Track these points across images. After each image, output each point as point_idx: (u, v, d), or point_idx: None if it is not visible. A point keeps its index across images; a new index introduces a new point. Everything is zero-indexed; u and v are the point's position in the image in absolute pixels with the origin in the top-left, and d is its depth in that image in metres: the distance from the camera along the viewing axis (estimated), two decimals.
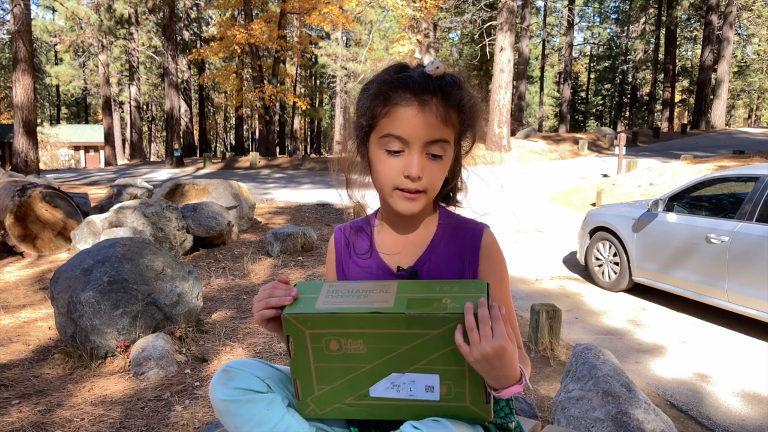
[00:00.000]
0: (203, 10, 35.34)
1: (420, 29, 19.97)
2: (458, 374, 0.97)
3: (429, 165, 1.04)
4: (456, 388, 0.97)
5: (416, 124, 1.01)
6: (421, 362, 0.96)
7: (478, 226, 1.15)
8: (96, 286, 3.31)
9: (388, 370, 0.98)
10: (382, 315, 0.94)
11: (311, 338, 0.99)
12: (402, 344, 0.96)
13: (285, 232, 6.21)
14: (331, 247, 1.27)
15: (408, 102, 1.01)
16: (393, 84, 1.03)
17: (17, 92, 13.83)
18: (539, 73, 42.52)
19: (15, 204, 6.40)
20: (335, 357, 0.99)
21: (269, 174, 17.89)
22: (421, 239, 1.15)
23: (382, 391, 1.00)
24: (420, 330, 0.94)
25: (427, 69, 1.04)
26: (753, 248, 3.91)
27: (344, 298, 0.99)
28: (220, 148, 50.13)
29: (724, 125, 27.87)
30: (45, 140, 32.69)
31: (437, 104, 1.02)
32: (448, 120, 1.03)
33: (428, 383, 0.98)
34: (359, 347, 0.97)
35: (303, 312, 0.97)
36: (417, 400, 0.99)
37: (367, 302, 0.97)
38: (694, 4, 30.40)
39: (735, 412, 3.07)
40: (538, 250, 6.76)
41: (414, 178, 1.03)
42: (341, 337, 0.97)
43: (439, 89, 1.02)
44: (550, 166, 16.67)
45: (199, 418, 2.67)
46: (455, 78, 1.05)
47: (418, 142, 1.02)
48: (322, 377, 1.02)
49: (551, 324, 3.63)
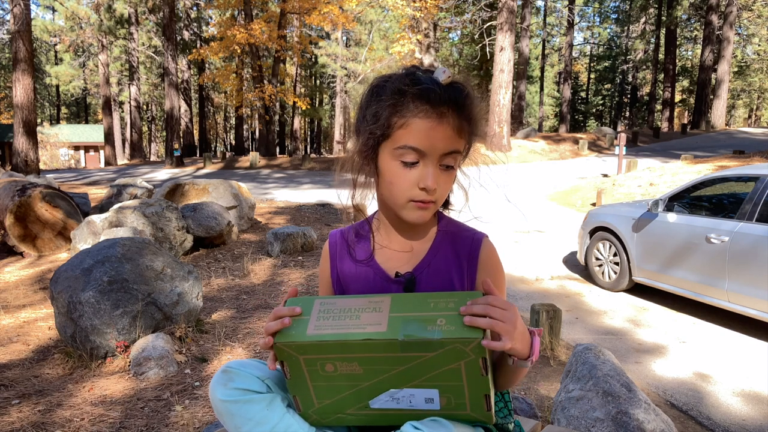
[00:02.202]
0: (203, 10, 35.32)
1: (420, 29, 19.97)
2: (458, 388, 0.96)
3: (442, 176, 1.05)
4: (456, 400, 0.98)
5: (434, 136, 1.01)
6: (419, 379, 0.96)
7: (477, 235, 1.15)
8: (96, 286, 3.31)
9: (387, 386, 0.99)
10: (375, 342, 0.93)
11: (305, 362, 0.99)
12: (398, 365, 0.95)
13: (285, 232, 6.21)
14: (325, 254, 1.26)
15: (426, 114, 1.01)
16: (410, 95, 1.02)
17: (17, 92, 13.82)
18: (539, 73, 42.51)
19: (15, 204, 6.41)
20: (332, 377, 0.99)
21: (269, 174, 17.88)
22: (420, 246, 1.15)
23: (382, 404, 1.01)
24: (415, 353, 0.93)
25: (439, 78, 1.02)
26: (753, 248, 3.91)
27: (336, 320, 0.97)
28: (220, 148, 50.17)
29: (724, 125, 27.87)
30: (45, 140, 32.68)
31: (452, 116, 1.01)
32: (462, 131, 1.03)
33: (428, 396, 0.98)
34: (355, 368, 0.97)
35: (294, 341, 0.97)
36: (418, 410, 1.00)
37: (359, 325, 0.94)
38: (694, 4, 30.42)
39: (735, 412, 3.07)
40: (538, 250, 6.76)
41: (430, 190, 1.03)
42: (336, 360, 0.97)
43: (453, 101, 1.02)
44: (550, 166, 16.67)
45: (199, 418, 2.67)
46: (463, 87, 1.04)
47: (435, 154, 1.02)
48: (321, 394, 1.03)
49: (551, 324, 3.63)
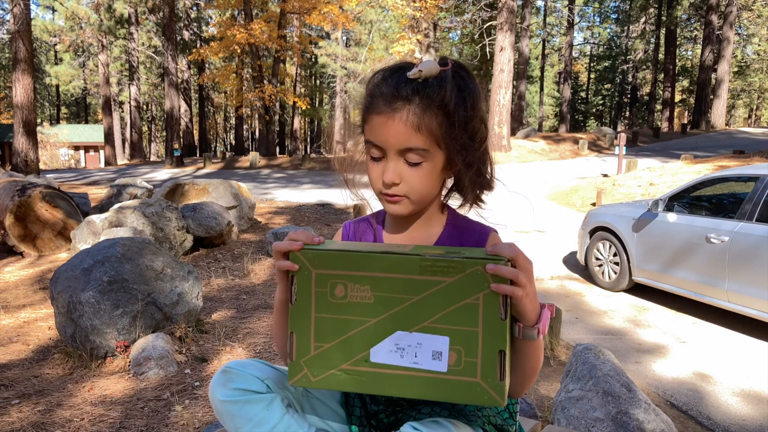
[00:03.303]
0: (203, 10, 35.33)
1: (420, 29, 19.98)
2: (471, 338, 0.88)
3: (408, 172, 1.03)
4: (467, 357, 0.89)
5: (386, 132, 1.01)
6: (431, 319, 0.89)
7: (485, 230, 1.14)
8: (96, 286, 3.31)
9: (394, 326, 0.91)
10: (395, 256, 0.91)
11: (316, 281, 0.94)
12: (412, 294, 0.90)
13: (285, 232, 6.21)
14: (337, 239, 1.27)
15: (380, 110, 1.01)
16: (373, 90, 1.05)
17: (17, 92, 13.82)
18: (539, 73, 42.52)
19: (15, 204, 6.41)
20: (339, 306, 0.93)
21: (269, 174, 17.89)
22: (426, 238, 1.15)
23: (384, 356, 0.92)
24: (434, 277, 0.89)
25: (409, 73, 1.01)
26: (753, 248, 3.91)
27: (357, 246, 1.00)
28: (220, 148, 50.15)
29: (724, 125, 27.88)
30: (45, 140, 32.65)
31: (409, 112, 0.99)
32: (422, 127, 0.99)
33: (436, 347, 0.90)
34: (366, 295, 0.92)
35: (313, 248, 0.95)
36: (421, 369, 0.90)
37: (381, 248, 0.96)
38: (694, 4, 30.43)
39: (735, 412, 3.07)
40: (538, 250, 6.76)
41: (388, 185, 1.04)
42: (348, 280, 0.92)
43: (415, 95, 0.99)
44: (550, 165, 16.66)
45: (199, 418, 2.67)
46: (441, 82, 0.99)
47: (392, 150, 1.03)
48: (321, 332, 0.95)
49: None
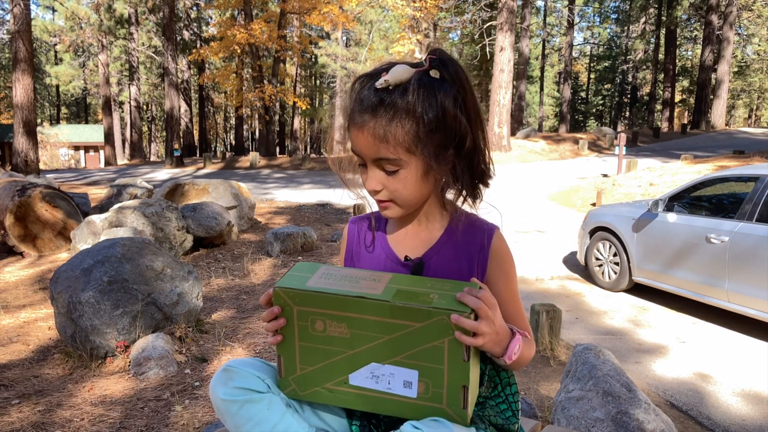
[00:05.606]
0: (203, 10, 35.33)
1: (420, 29, 19.99)
2: (437, 373, 0.97)
3: (387, 179, 1.05)
4: (434, 388, 0.97)
5: (359, 143, 1.04)
6: (402, 355, 0.97)
7: (490, 227, 1.16)
8: (96, 286, 3.31)
9: (369, 358, 1.00)
10: (366, 300, 0.97)
11: (298, 315, 1.02)
12: (384, 333, 0.97)
13: (285, 232, 6.22)
14: (344, 238, 1.30)
15: (354, 121, 1.04)
16: (352, 99, 1.06)
17: (17, 92, 13.82)
18: (539, 73, 42.50)
19: (15, 204, 6.41)
20: (319, 338, 1.02)
21: (269, 174, 17.88)
22: (430, 235, 1.17)
23: (361, 380, 1.01)
24: (403, 321, 0.95)
25: (376, 83, 1.01)
26: (753, 248, 3.91)
27: (336, 281, 1.03)
28: (220, 148, 50.14)
29: (724, 125, 27.87)
30: (45, 140, 32.65)
31: (376, 123, 1.00)
32: (388, 137, 1.00)
33: (407, 378, 0.98)
34: (343, 331, 1.00)
35: (293, 287, 1.01)
36: (394, 394, 1.00)
37: (356, 287, 1.00)
38: (694, 4, 30.42)
39: (735, 412, 3.07)
40: (539, 250, 6.76)
41: (369, 191, 1.07)
42: (326, 318, 1.00)
43: (380, 105, 0.99)
44: (550, 166, 16.67)
45: (199, 418, 2.67)
46: (407, 83, 0.99)
47: (368, 159, 1.05)
48: (305, 357, 1.04)
49: (551, 324, 3.63)
